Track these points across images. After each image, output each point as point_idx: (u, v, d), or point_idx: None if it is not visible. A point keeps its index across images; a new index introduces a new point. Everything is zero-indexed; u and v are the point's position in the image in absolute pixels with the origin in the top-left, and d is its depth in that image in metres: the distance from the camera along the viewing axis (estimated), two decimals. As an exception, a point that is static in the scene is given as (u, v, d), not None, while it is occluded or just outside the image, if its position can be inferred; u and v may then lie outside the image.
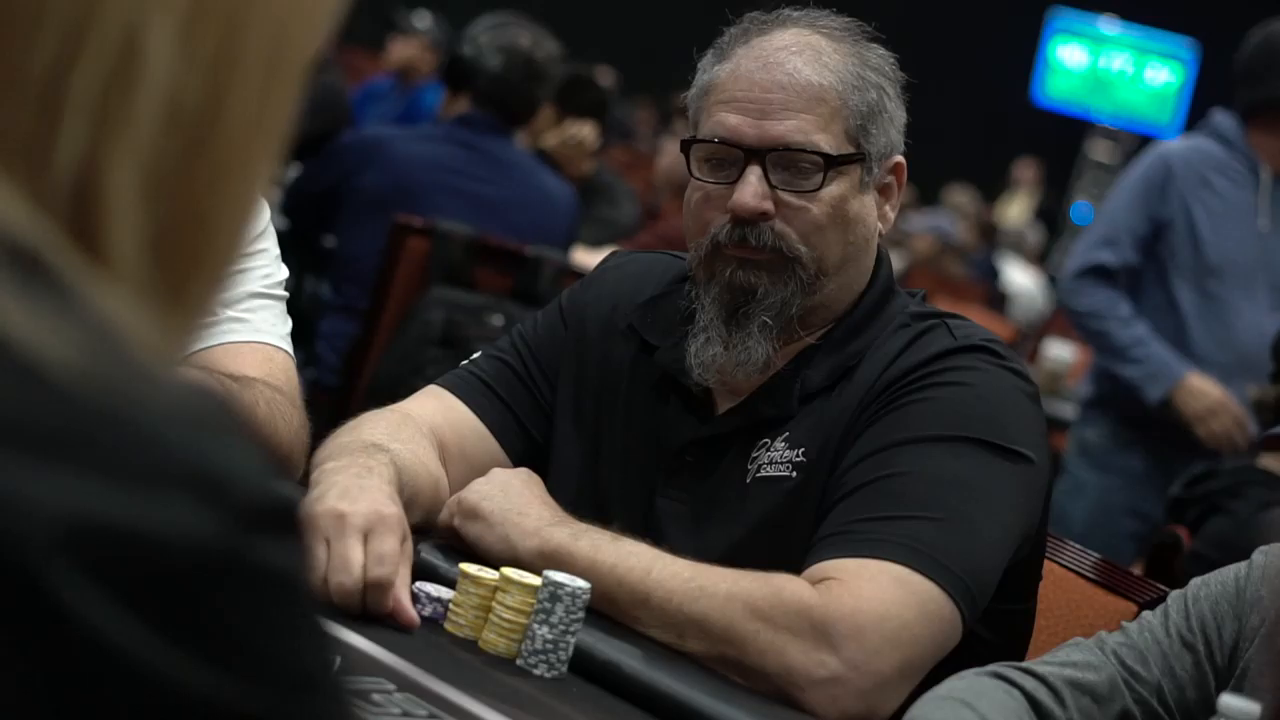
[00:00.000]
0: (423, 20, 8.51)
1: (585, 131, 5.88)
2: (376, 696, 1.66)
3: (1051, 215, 16.21)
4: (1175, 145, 4.91)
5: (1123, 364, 4.69)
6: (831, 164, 2.18)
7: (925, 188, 12.91)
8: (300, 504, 0.65)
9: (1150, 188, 4.72)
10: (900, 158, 2.28)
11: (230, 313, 2.25)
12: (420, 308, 4.21)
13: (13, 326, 0.59)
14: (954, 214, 12.27)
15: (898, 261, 9.99)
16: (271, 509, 0.62)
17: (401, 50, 8.39)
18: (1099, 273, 4.72)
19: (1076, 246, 4.98)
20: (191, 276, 0.71)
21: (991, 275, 11.84)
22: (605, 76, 12.04)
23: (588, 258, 4.74)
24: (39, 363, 0.58)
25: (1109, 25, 18.21)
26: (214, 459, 0.61)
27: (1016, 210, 15.64)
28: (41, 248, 0.63)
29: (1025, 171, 16.24)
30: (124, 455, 0.59)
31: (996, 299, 11.07)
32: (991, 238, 12.83)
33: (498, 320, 4.20)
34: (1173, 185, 4.69)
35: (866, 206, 2.24)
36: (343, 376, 4.44)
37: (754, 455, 2.21)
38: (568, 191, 4.95)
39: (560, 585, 1.87)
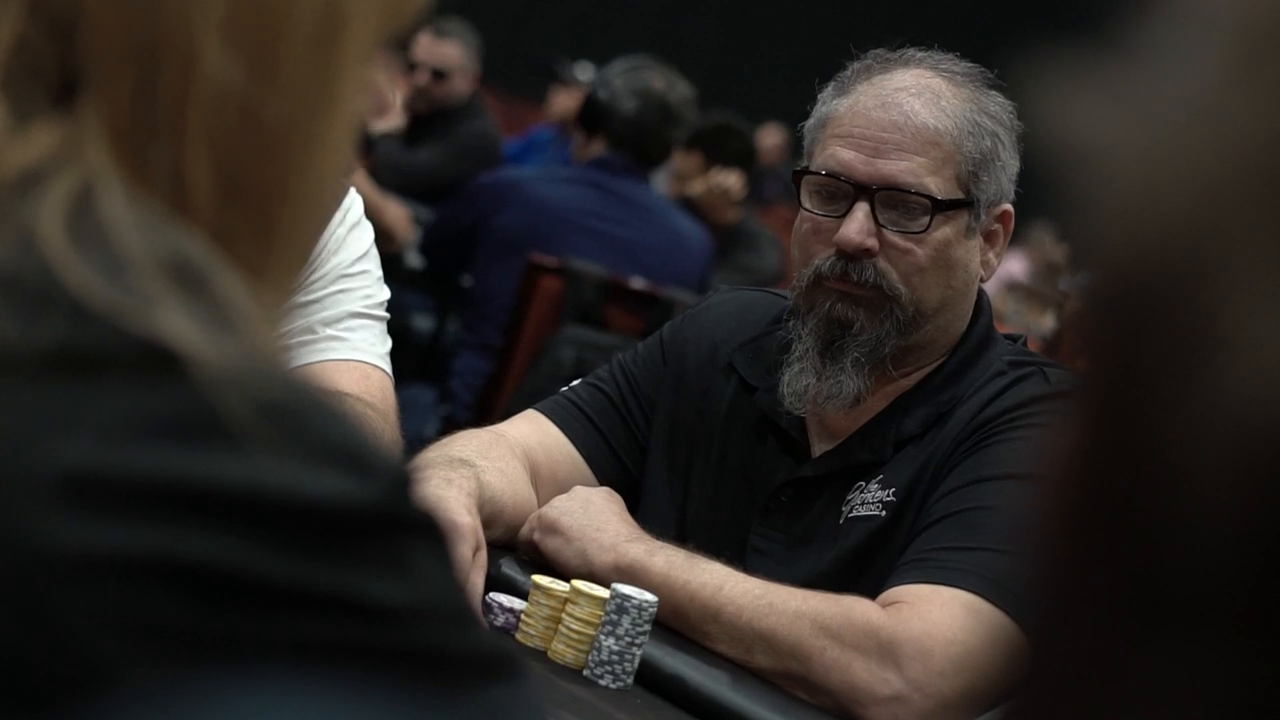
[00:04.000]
0: (585, 72, 8.59)
1: (731, 180, 5.93)
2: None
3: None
4: None
5: None
6: (939, 208, 2.19)
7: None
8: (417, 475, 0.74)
9: None
10: (1009, 206, 2.28)
11: (329, 331, 2.30)
12: (552, 346, 4.25)
13: (187, 342, 0.66)
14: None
15: (1051, 322, 9.88)
16: (405, 477, 0.72)
17: (563, 102, 8.46)
18: None
19: None
20: (267, 254, 0.76)
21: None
22: (773, 135, 12.05)
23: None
24: (212, 370, 0.66)
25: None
26: (353, 439, 0.69)
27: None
28: (201, 263, 0.69)
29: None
30: (290, 440, 0.66)
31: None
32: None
33: (628, 360, 4.23)
34: None
35: (970, 252, 2.24)
36: (475, 413, 4.50)
37: (848, 497, 2.22)
38: (701, 234, 5.00)
39: (627, 598, 1.90)
